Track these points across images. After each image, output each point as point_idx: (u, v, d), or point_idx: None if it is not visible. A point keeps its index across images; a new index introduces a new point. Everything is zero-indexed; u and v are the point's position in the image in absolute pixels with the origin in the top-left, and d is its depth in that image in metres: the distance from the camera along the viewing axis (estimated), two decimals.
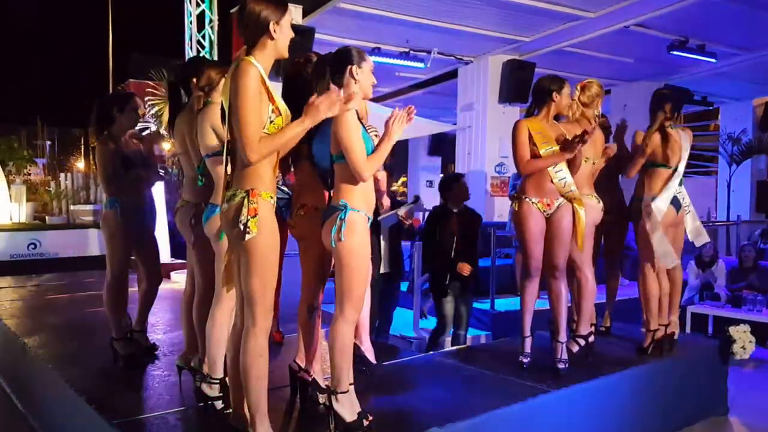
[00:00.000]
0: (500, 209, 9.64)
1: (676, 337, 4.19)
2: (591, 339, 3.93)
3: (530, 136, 3.48)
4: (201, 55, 8.06)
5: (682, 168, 3.93)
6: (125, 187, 3.70)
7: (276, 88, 2.42)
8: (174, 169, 7.38)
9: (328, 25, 8.48)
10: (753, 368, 5.90)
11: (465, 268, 4.88)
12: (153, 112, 8.26)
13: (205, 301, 2.98)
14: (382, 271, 4.72)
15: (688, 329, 6.92)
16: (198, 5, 8.08)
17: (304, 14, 8.09)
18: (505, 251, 8.40)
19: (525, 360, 3.58)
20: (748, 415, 4.72)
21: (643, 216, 3.95)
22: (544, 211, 3.49)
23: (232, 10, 8.27)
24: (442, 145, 14.98)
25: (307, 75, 2.90)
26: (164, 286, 4.29)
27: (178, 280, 6.92)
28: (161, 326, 4.58)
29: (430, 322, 5.76)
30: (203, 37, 8.00)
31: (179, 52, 8.37)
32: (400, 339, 5.62)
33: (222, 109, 2.44)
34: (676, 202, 3.97)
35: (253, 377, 2.35)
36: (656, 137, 3.98)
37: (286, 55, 2.42)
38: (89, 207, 8.91)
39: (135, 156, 3.76)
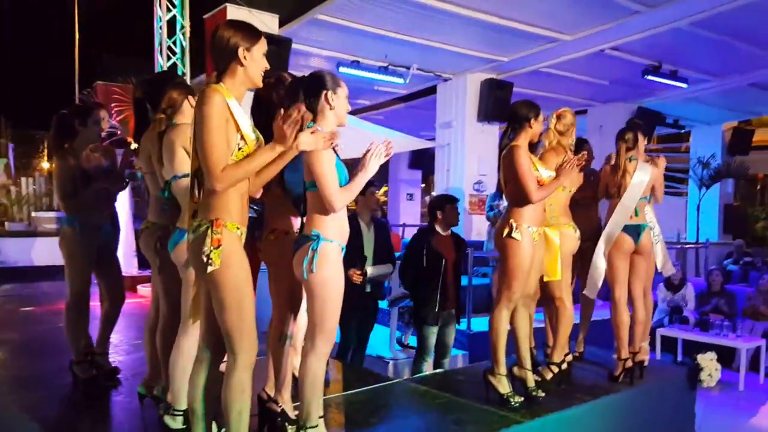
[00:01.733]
0: (478, 227, 9.64)
1: (645, 363, 4.19)
2: (564, 366, 3.91)
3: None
4: (171, 62, 7.86)
5: (626, 198, 3.95)
6: (85, 205, 3.55)
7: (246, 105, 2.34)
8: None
9: (306, 36, 8.40)
10: (719, 391, 5.97)
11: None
12: (120, 118, 8.04)
13: (169, 328, 2.87)
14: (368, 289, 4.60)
15: (657, 351, 6.97)
16: (169, 10, 7.86)
17: (281, 24, 7.99)
18: (482, 270, 8.38)
19: (518, 399, 3.38)
20: None
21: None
22: (535, 240, 3.43)
23: (205, 16, 8.11)
24: (423, 159, 14.98)
25: (277, 96, 2.82)
26: (129, 301, 4.14)
27: (145, 294, 6.73)
28: (124, 346, 4.41)
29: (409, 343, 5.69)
30: (174, 43, 7.79)
31: (149, 57, 8.17)
32: (376, 359, 5.52)
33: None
34: (634, 231, 3.97)
35: (234, 413, 2.25)
36: (608, 170, 4.07)
37: (259, 84, 2.34)
38: (52, 214, 8.64)
39: (97, 171, 3.60)
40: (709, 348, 6.47)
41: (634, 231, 4.00)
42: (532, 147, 3.64)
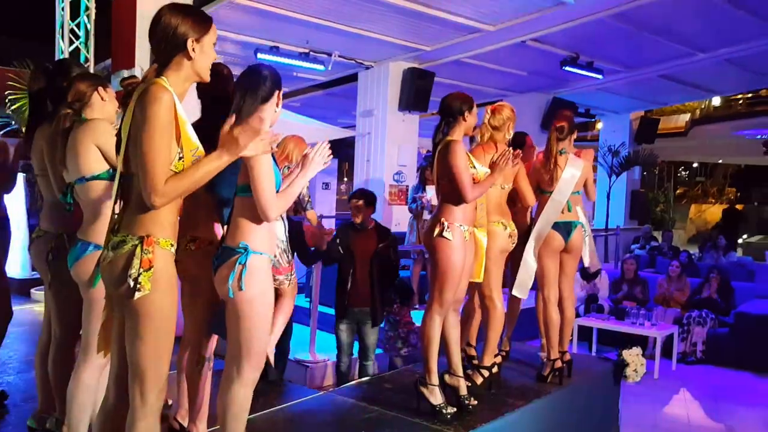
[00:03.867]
0: (398, 218, 9.52)
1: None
2: (495, 369, 3.83)
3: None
4: (74, 46, 7.16)
5: (557, 194, 3.90)
6: None
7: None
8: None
9: (222, 20, 7.90)
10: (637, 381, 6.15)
11: None
12: (14, 107, 7.26)
13: (63, 353, 2.53)
14: None
15: (575, 341, 7.11)
16: None
17: (196, 6, 7.48)
18: (404, 262, 8.28)
19: (450, 411, 3.24)
20: (637, 429, 4.88)
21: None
22: (466, 239, 3.27)
23: None
24: (340, 147, 14.69)
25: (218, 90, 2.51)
26: (21, 308, 3.69)
27: (40, 298, 6.15)
28: (14, 364, 3.91)
29: (328, 345, 5.46)
30: (78, 25, 7.08)
31: (49, 39, 7.43)
32: (296, 364, 5.25)
33: (118, 134, 2.01)
34: (564, 229, 3.93)
35: None
36: (539, 164, 4.00)
37: (206, 78, 2.04)
38: None
39: None
40: (624, 337, 6.67)
41: (564, 228, 3.95)
42: (467, 141, 3.52)
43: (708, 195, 27.91)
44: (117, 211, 1.99)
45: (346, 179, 23.59)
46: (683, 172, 29.04)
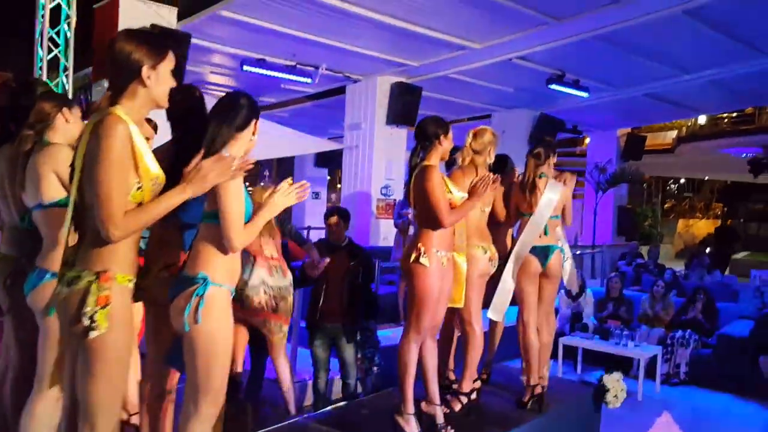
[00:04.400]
0: (385, 232, 9.49)
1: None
2: (474, 396, 3.76)
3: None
4: (53, 54, 7.04)
5: (537, 216, 3.84)
6: None
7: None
8: None
9: (207, 32, 7.89)
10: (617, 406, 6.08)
11: None
12: None
13: (21, 383, 2.43)
14: None
15: (560, 360, 7.06)
16: None
17: (180, 17, 7.42)
18: (389, 278, 8.21)
19: None
20: None
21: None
22: (443, 265, 3.21)
23: (95, 6, 7.42)
24: (330, 156, 14.66)
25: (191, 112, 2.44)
26: None
27: None
28: None
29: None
30: (57, 33, 6.99)
31: (29, 48, 7.34)
32: (273, 383, 5.14)
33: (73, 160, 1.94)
34: (542, 253, 3.86)
35: None
36: (517, 189, 3.96)
37: (164, 105, 2.00)
38: None
39: None
40: (608, 357, 6.63)
41: (542, 252, 3.89)
42: (448, 165, 3.48)
43: (695, 210, 28.12)
44: (70, 243, 1.91)
45: (339, 185, 23.42)
46: (672, 186, 29.25)
